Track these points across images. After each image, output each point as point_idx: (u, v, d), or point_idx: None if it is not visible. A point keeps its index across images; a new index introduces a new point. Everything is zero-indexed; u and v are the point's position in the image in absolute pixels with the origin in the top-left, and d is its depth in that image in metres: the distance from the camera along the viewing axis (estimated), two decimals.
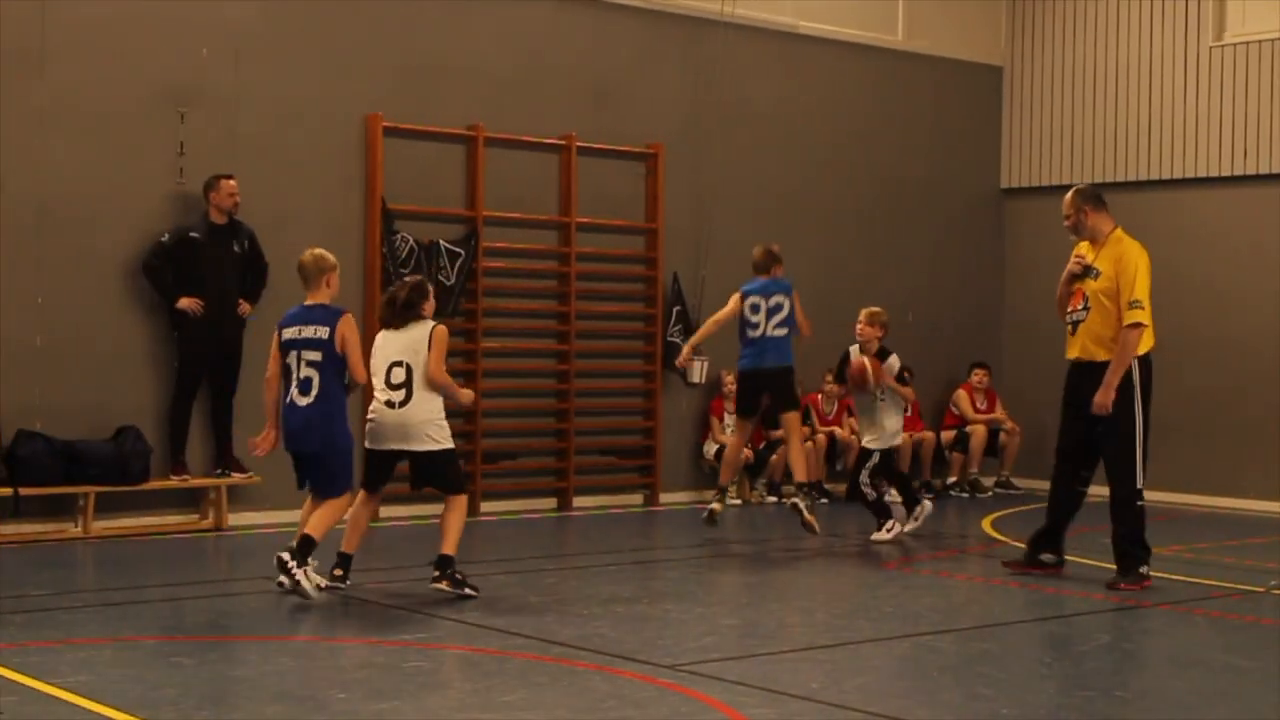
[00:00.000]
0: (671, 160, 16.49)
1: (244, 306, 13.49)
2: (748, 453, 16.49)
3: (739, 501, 16.58)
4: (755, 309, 13.73)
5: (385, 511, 13.64)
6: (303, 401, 10.16)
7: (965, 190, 19.19)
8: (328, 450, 10.25)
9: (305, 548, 9.94)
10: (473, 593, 10.08)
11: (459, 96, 15.13)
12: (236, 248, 13.42)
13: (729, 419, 16.71)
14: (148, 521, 13.30)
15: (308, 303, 10.41)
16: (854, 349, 13.82)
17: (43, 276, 12.93)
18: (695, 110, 16.77)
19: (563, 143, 15.78)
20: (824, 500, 16.81)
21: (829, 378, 17.19)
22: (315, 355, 10.15)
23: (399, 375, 10.32)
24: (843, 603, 10.67)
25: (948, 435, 18.11)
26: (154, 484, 13.18)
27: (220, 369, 13.50)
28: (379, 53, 14.70)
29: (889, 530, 13.65)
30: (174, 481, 13.36)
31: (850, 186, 18.11)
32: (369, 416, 10.42)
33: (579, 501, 15.82)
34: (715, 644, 8.95)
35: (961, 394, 18.31)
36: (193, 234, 13.27)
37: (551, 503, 15.79)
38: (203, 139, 13.64)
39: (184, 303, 13.21)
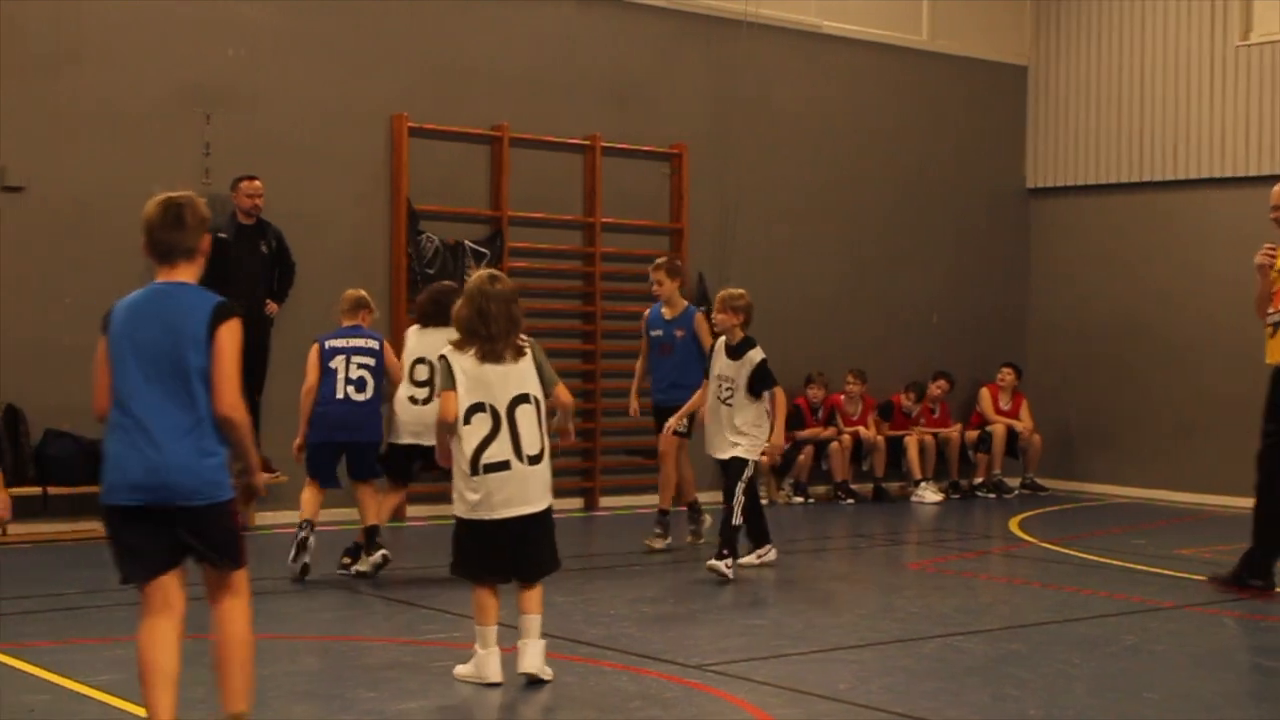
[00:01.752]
0: (695, 160, 16.49)
1: (271, 306, 13.52)
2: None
3: (764, 501, 16.54)
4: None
5: (410, 511, 13.66)
6: (359, 397, 10.84)
7: (990, 190, 19.14)
8: (378, 440, 11.09)
9: (373, 535, 10.88)
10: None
11: (484, 97, 15.15)
12: (264, 248, 13.45)
13: None
14: None
15: (347, 324, 11.08)
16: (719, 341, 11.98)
17: (70, 276, 12.98)
18: (719, 110, 16.76)
19: (587, 143, 15.79)
20: (850, 501, 16.82)
21: (851, 378, 17.18)
22: (369, 360, 10.91)
23: (423, 372, 10.91)
24: (869, 603, 10.65)
25: (970, 435, 18.07)
26: None
27: (247, 368, 13.39)
28: (404, 53, 14.72)
29: (760, 556, 11.88)
30: None
31: (874, 186, 18.08)
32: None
33: (605, 502, 15.83)
34: (742, 644, 8.95)
35: (985, 394, 18.28)
36: (220, 234, 13.27)
37: (578, 503, 15.80)
38: (229, 140, 13.68)
39: None
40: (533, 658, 7.67)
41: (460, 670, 7.80)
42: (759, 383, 11.33)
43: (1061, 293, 19.09)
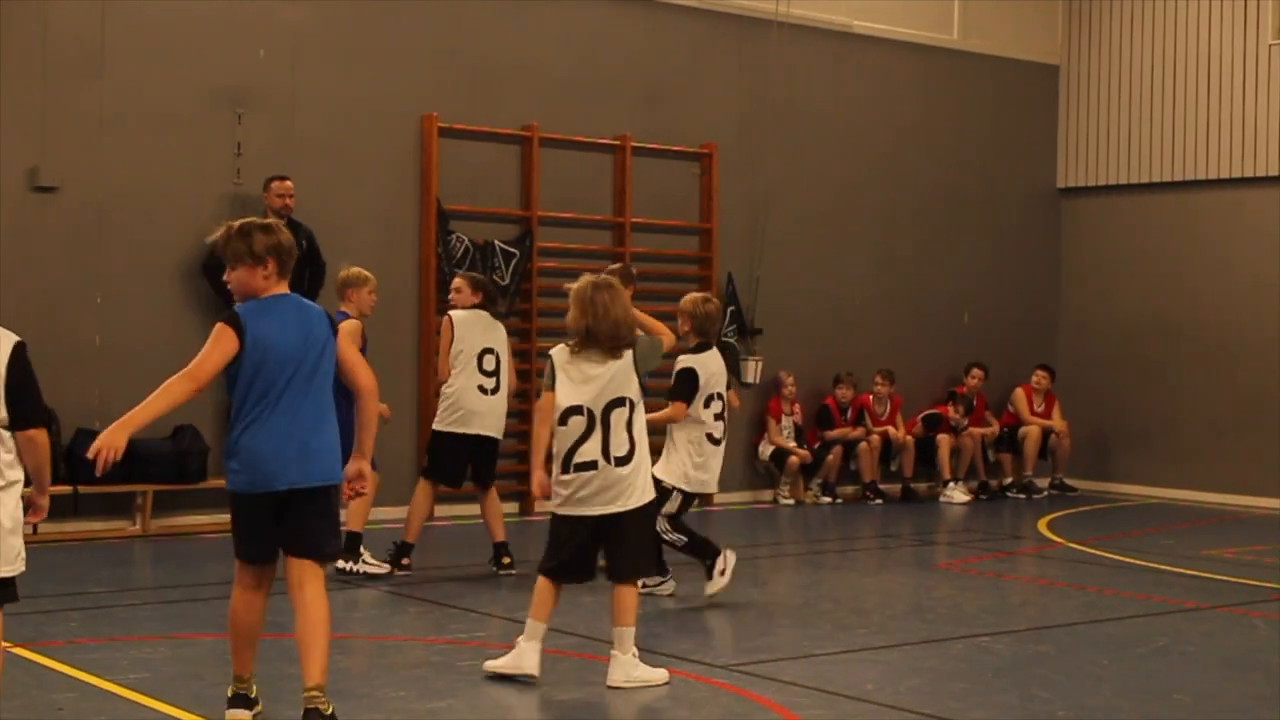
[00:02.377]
0: (726, 160, 16.48)
1: None
2: (804, 454, 16.52)
3: (792, 502, 16.56)
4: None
5: (439, 510, 13.69)
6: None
7: (1021, 190, 19.09)
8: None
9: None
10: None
11: (514, 97, 15.17)
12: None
13: (786, 420, 16.69)
14: (205, 519, 13.39)
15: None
16: None
17: (102, 277, 13.05)
18: (749, 110, 16.76)
19: (617, 143, 15.80)
20: (878, 501, 16.79)
21: (879, 379, 17.17)
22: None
23: (490, 362, 11.12)
24: (897, 603, 10.63)
25: (988, 433, 17.95)
26: (211, 482, 13.25)
27: None
28: (435, 54, 14.75)
29: (659, 586, 10.54)
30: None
31: (905, 187, 18.05)
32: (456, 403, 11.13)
33: None
34: (770, 644, 8.95)
35: (1020, 394, 18.21)
36: None
37: None
38: (260, 140, 13.73)
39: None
40: (616, 671, 7.73)
41: (493, 663, 7.84)
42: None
43: (1092, 292, 19.02)
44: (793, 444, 16.62)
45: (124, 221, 13.16)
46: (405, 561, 10.98)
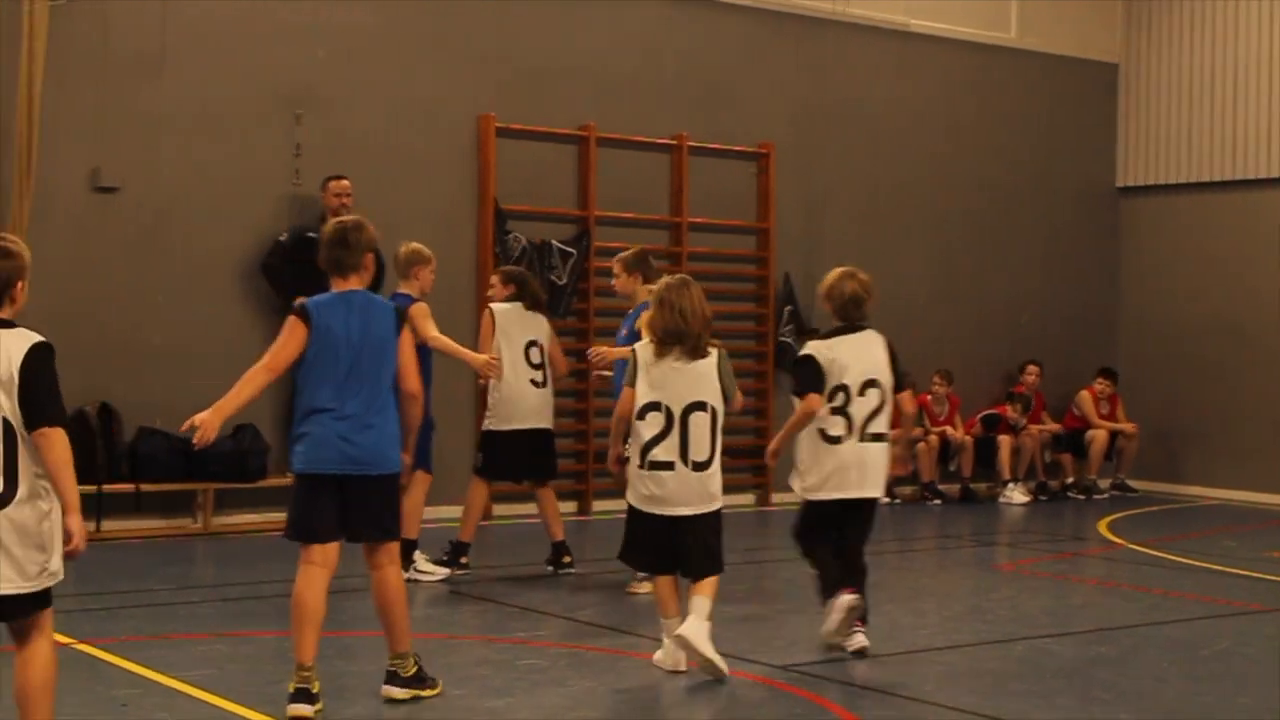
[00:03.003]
0: (783, 159, 16.45)
1: None
2: None
3: None
4: None
5: (496, 510, 13.72)
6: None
7: (1080, 189, 18.97)
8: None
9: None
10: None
11: (571, 96, 15.18)
12: None
13: None
14: (264, 518, 13.46)
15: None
16: None
17: (162, 276, 13.13)
18: (807, 109, 16.72)
19: (674, 142, 15.79)
20: (937, 501, 16.73)
21: (937, 379, 17.10)
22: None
23: (537, 355, 11.11)
24: (957, 604, 10.59)
25: (1049, 430, 17.83)
26: (271, 481, 13.33)
27: None
28: (492, 53, 14.79)
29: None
30: (290, 479, 13.48)
31: (962, 186, 17.98)
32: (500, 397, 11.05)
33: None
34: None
35: (1086, 396, 18.06)
36: (310, 234, 13.39)
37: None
38: (319, 140, 13.79)
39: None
40: (693, 628, 7.85)
41: (655, 656, 8.08)
42: None
43: (1153, 292, 18.88)
44: None
45: (184, 222, 13.24)
46: (463, 560, 11.00)
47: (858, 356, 8.76)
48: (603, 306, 15.22)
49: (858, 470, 8.62)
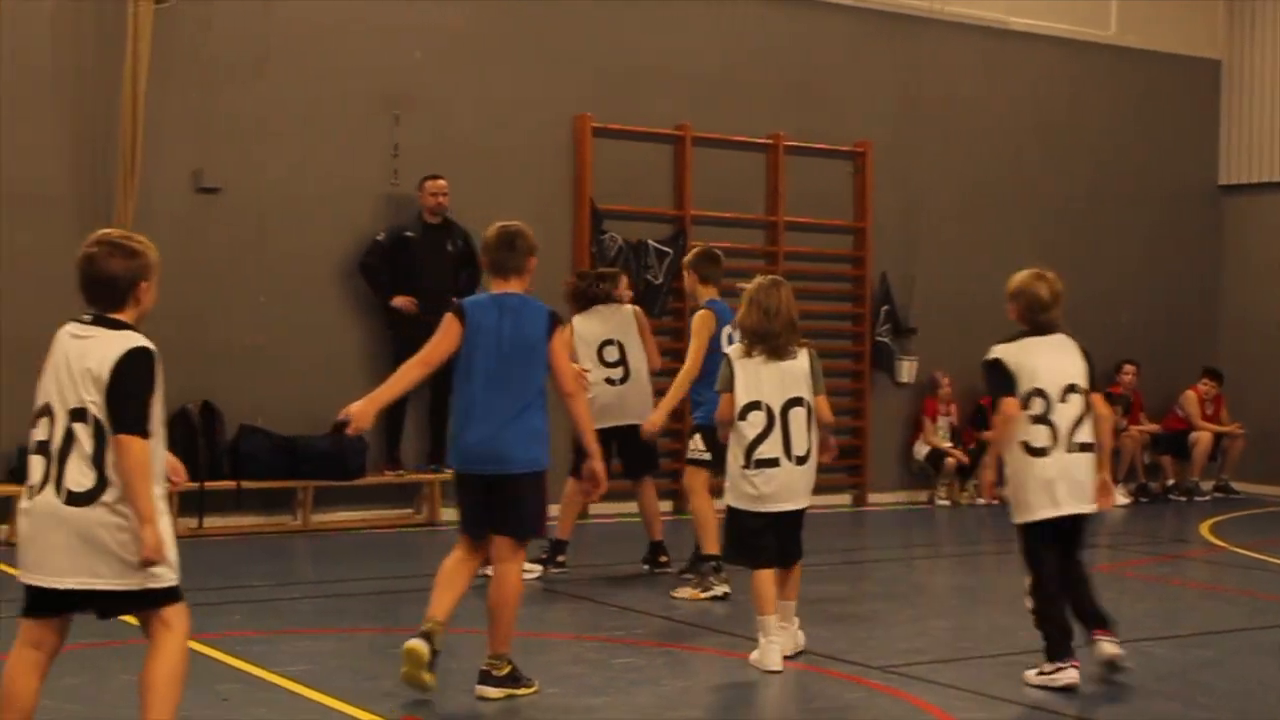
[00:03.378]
0: (880, 158, 16.38)
1: None
2: (960, 454, 16.37)
3: (948, 503, 16.41)
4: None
5: (593, 509, 13.75)
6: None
7: (1180, 187, 18.74)
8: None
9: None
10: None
11: (667, 96, 15.19)
12: (450, 247, 13.61)
13: (942, 421, 16.54)
14: (363, 515, 13.59)
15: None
16: None
17: (263, 277, 13.27)
18: (904, 108, 16.64)
19: (770, 141, 15.76)
20: None
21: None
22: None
23: (612, 353, 11.16)
24: None
25: (1143, 434, 17.62)
26: (370, 479, 13.44)
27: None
28: (588, 54, 14.82)
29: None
30: (389, 477, 13.62)
31: (1061, 184, 17.81)
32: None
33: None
34: (926, 646, 8.88)
35: (1190, 397, 17.83)
36: (408, 234, 13.50)
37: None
38: (416, 141, 13.88)
39: (399, 301, 13.43)
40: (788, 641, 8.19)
41: (751, 656, 8.10)
42: None
43: (1256, 291, 18.62)
44: (949, 444, 16.48)
45: (284, 222, 13.38)
46: (560, 559, 11.03)
47: (1051, 360, 8.29)
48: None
49: (1067, 484, 7.89)
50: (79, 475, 5.36)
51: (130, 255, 5.53)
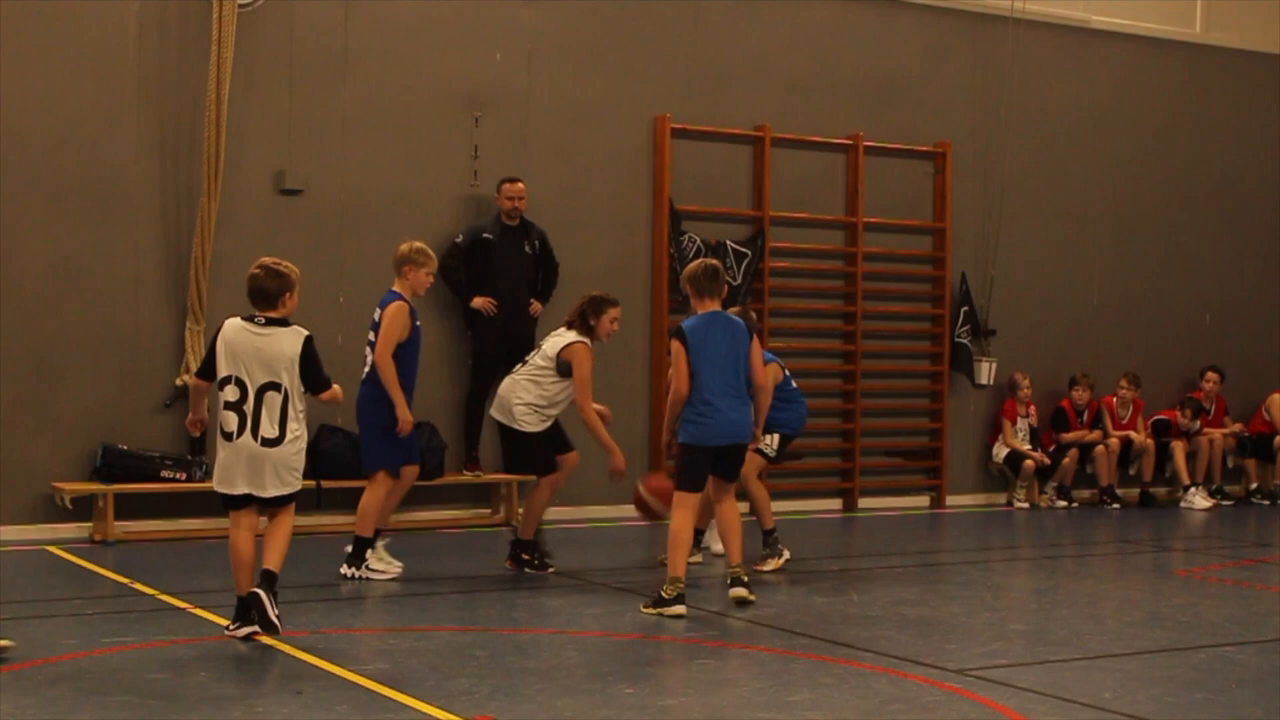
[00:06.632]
0: (960, 159, 16.30)
1: (535, 306, 13.75)
2: (1039, 456, 16.27)
3: (1026, 505, 16.32)
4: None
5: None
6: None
7: (1270, 189, 18.51)
8: None
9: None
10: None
11: (746, 97, 15.19)
12: (528, 248, 13.67)
13: (1021, 422, 16.44)
14: (441, 515, 13.66)
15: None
16: None
17: (344, 277, 13.38)
18: (984, 108, 16.55)
19: (849, 142, 15.73)
20: (1115, 505, 16.48)
21: (1124, 382, 16.83)
22: None
23: None
24: (1136, 610, 10.40)
25: (1227, 437, 17.43)
26: (448, 479, 13.51)
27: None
28: (668, 55, 14.85)
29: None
30: (467, 476, 13.69)
31: (1143, 185, 17.66)
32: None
33: (864, 503, 15.74)
34: (1004, 649, 8.83)
35: (1276, 399, 17.59)
36: (486, 235, 13.57)
37: (837, 504, 15.75)
38: (496, 142, 13.95)
39: (477, 302, 13.51)
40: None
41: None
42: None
43: None
44: (1028, 446, 16.37)
45: (365, 223, 13.48)
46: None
47: None
48: (777, 307, 15.23)
49: None
50: (269, 427, 8.31)
51: (279, 276, 8.57)
